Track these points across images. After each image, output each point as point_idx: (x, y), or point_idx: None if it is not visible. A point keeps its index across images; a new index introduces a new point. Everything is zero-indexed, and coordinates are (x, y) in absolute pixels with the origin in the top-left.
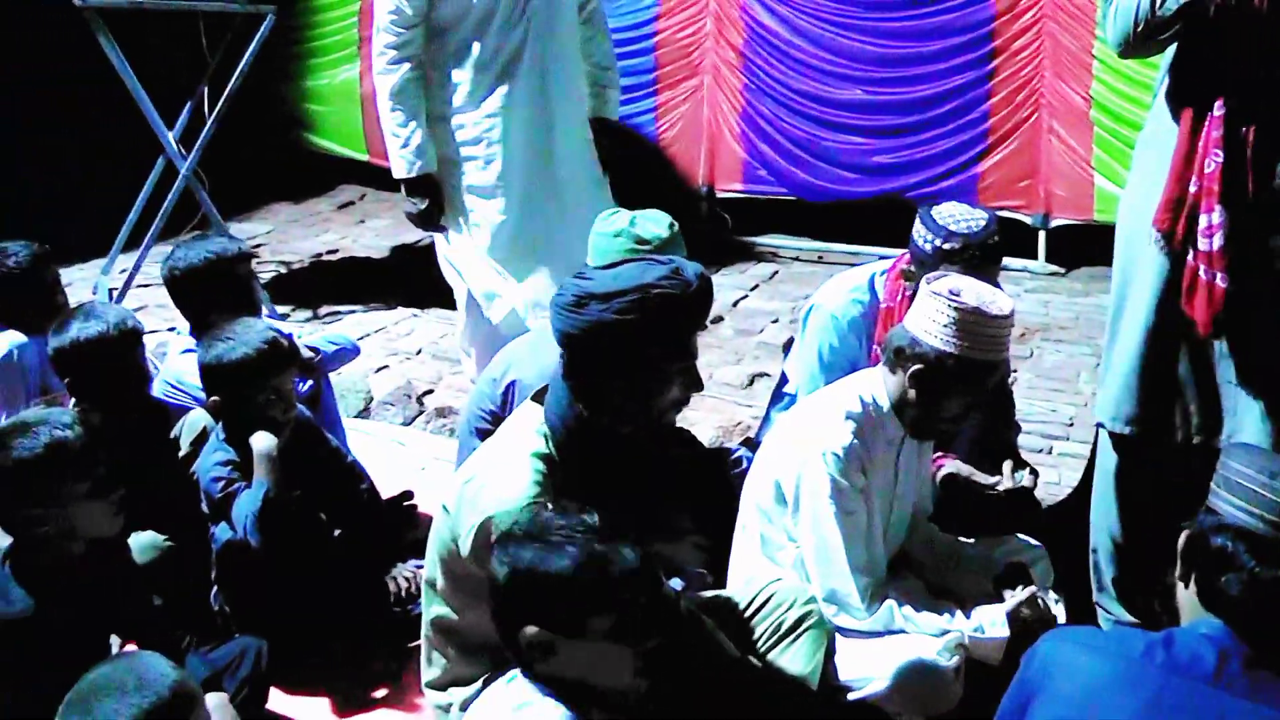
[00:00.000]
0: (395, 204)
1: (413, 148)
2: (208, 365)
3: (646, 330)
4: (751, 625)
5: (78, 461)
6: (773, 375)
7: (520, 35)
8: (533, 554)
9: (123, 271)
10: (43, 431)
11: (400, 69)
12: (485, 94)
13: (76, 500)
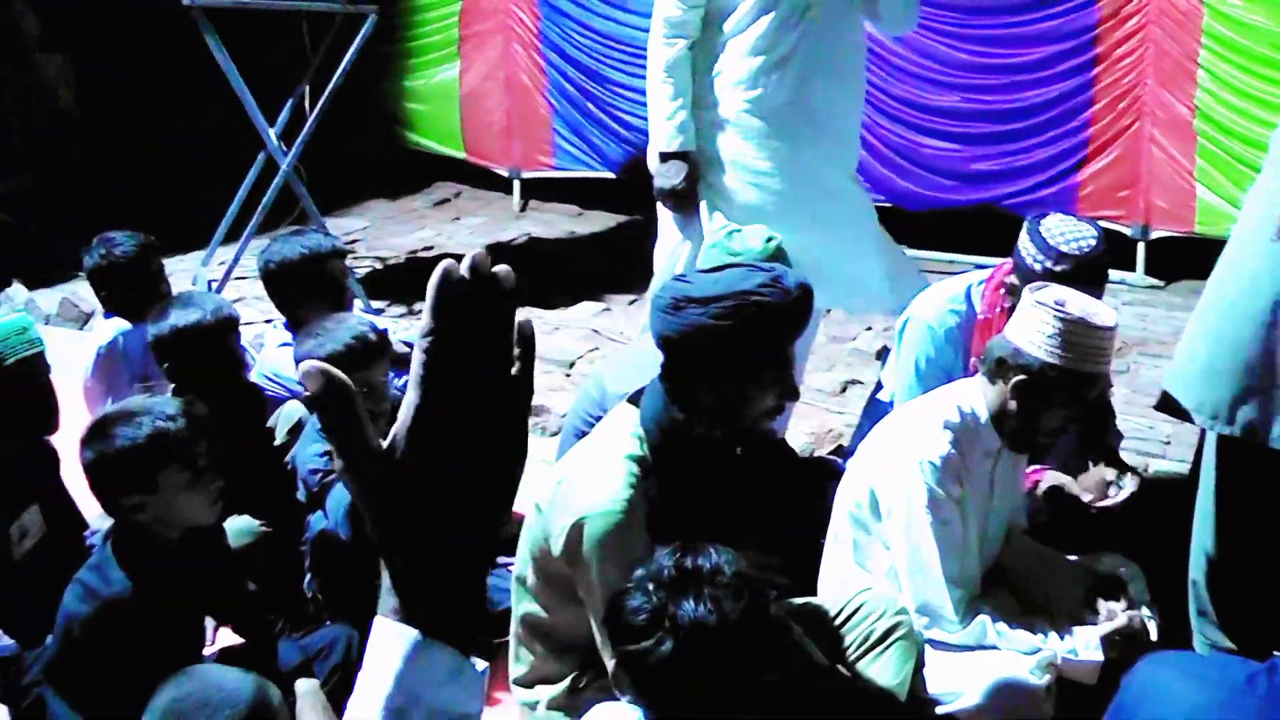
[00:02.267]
0: (491, 201)
1: (676, 122)
2: (301, 359)
3: (743, 336)
4: (841, 634)
5: (178, 452)
6: (865, 382)
7: (794, 39)
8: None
9: (221, 264)
10: (145, 421)
11: (676, 45)
12: (748, 88)
13: (175, 490)
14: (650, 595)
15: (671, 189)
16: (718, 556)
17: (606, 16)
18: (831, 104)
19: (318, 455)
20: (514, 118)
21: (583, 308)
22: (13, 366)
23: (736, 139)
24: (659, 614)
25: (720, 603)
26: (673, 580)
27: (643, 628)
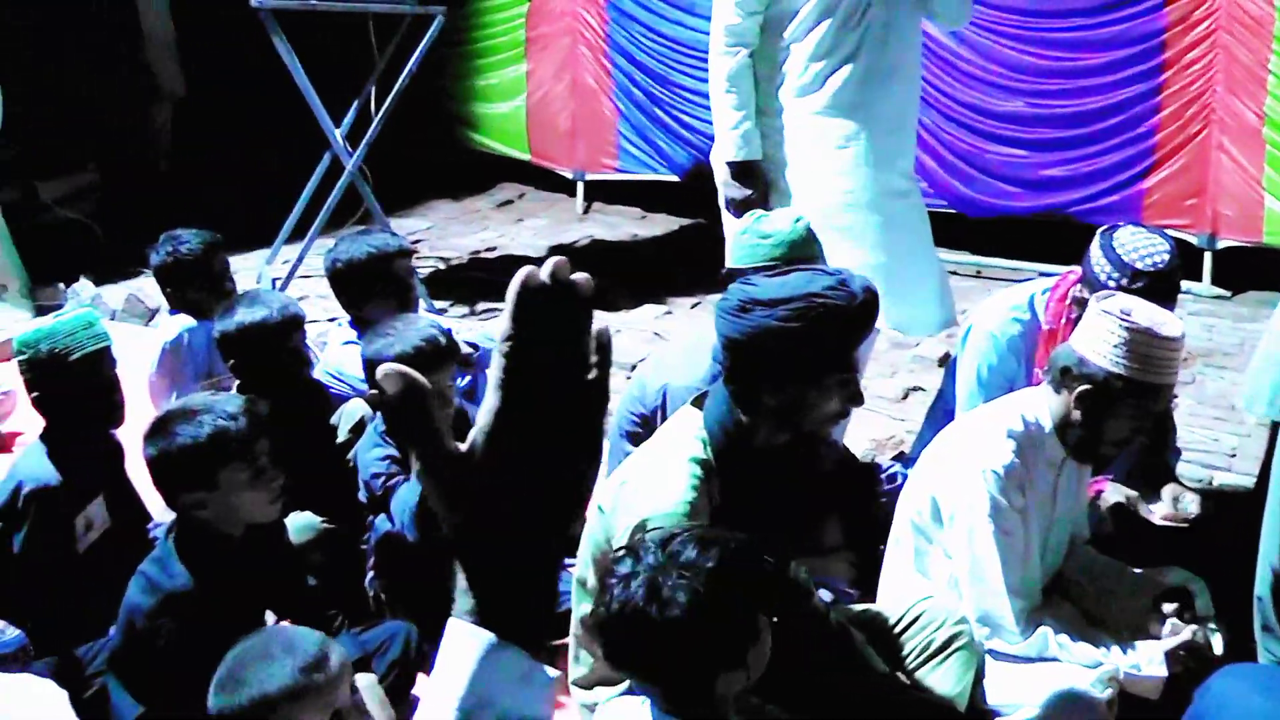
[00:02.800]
0: (554, 203)
1: (742, 131)
2: (369, 359)
3: (808, 339)
4: (901, 642)
5: (239, 450)
6: (927, 389)
7: (855, 40)
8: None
9: (285, 262)
10: (207, 420)
11: (737, 54)
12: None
13: (236, 488)
14: (625, 564)
15: (741, 199)
16: (703, 553)
17: (674, 20)
18: (894, 104)
19: (379, 460)
20: (579, 120)
21: (645, 310)
22: (79, 361)
23: (803, 144)
24: (620, 582)
25: (659, 592)
26: (651, 557)
27: (602, 591)
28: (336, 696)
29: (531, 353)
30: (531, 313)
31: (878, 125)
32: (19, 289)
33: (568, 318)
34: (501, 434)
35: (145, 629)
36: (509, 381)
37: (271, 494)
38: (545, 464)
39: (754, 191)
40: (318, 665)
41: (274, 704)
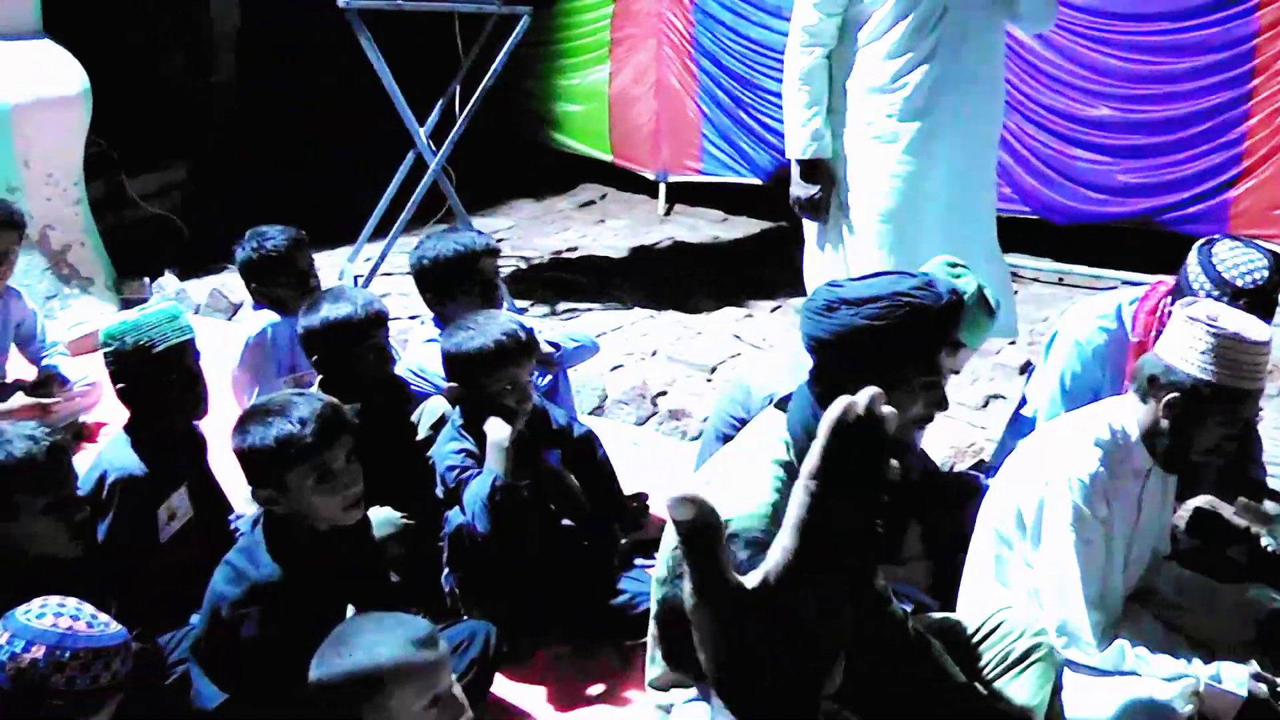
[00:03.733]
0: (636, 204)
1: (811, 130)
2: (448, 352)
3: (894, 339)
4: (979, 651)
5: (304, 456)
6: (1008, 397)
7: (932, 42)
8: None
9: (368, 260)
10: (276, 423)
11: (813, 53)
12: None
13: (305, 491)
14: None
15: (807, 197)
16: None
17: (758, 23)
18: (969, 109)
19: (455, 453)
20: (663, 121)
21: (725, 313)
22: (163, 353)
23: (872, 145)
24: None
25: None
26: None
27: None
28: (440, 679)
29: (839, 493)
30: (846, 448)
31: (951, 130)
32: (105, 282)
33: (873, 456)
34: (797, 574)
35: (231, 618)
36: (812, 521)
37: (345, 500)
38: (825, 605)
39: (820, 190)
40: (429, 643)
41: (381, 676)
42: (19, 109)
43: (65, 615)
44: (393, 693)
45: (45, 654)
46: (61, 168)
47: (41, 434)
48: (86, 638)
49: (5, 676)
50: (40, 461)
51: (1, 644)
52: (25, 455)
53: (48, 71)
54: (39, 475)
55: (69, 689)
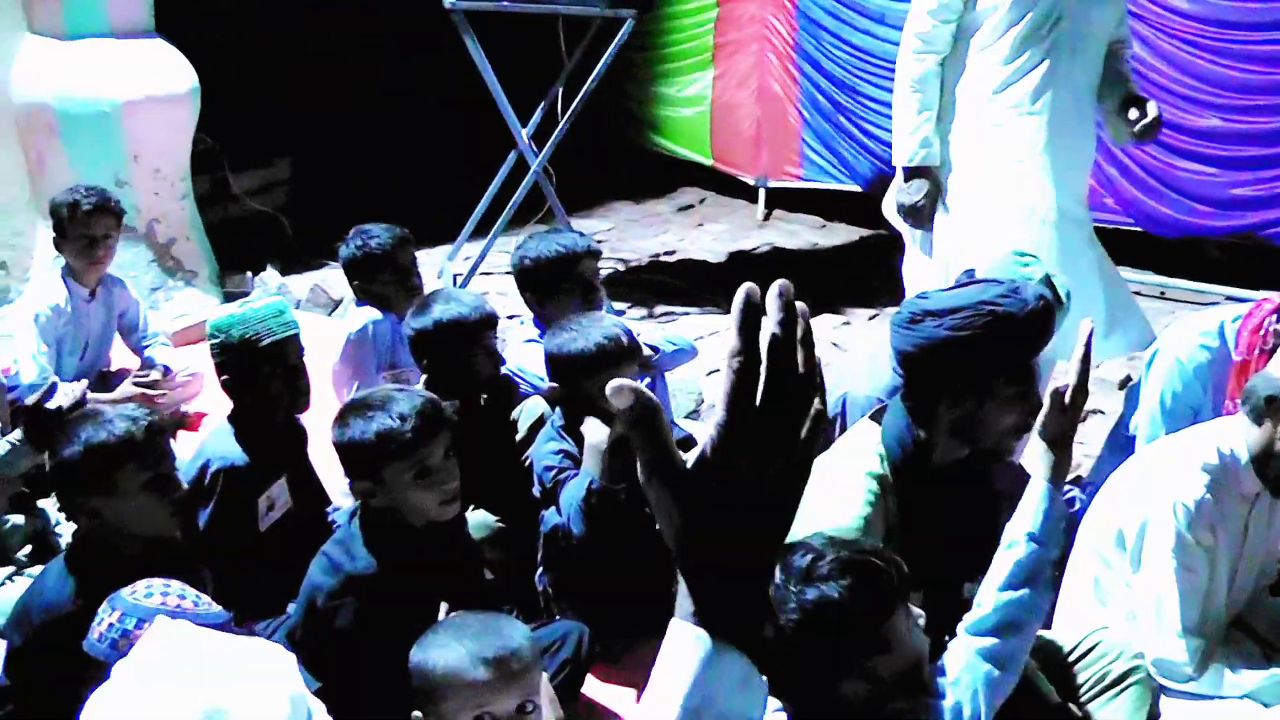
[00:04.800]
0: (735, 209)
1: (920, 137)
2: (551, 353)
3: (981, 349)
4: (1074, 671)
5: (402, 451)
6: (1106, 412)
7: (1043, 51)
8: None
9: (467, 259)
10: (377, 418)
11: (926, 60)
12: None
13: (401, 486)
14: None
15: (911, 204)
16: (815, 563)
17: (862, 30)
18: (1075, 120)
19: (553, 453)
20: (764, 127)
21: (823, 320)
22: (268, 347)
23: (980, 154)
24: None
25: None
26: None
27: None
28: (496, 701)
29: (755, 369)
30: (755, 330)
31: (1058, 140)
32: (208, 276)
33: (788, 339)
34: (728, 447)
35: (325, 608)
36: (736, 397)
37: (441, 495)
38: (763, 477)
39: (925, 198)
40: (493, 663)
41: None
42: (129, 106)
43: (172, 595)
44: (441, 700)
45: None
46: (169, 163)
47: (141, 414)
48: (193, 616)
49: (119, 654)
50: (139, 440)
51: (113, 623)
52: (125, 434)
53: (158, 70)
54: (138, 453)
55: None
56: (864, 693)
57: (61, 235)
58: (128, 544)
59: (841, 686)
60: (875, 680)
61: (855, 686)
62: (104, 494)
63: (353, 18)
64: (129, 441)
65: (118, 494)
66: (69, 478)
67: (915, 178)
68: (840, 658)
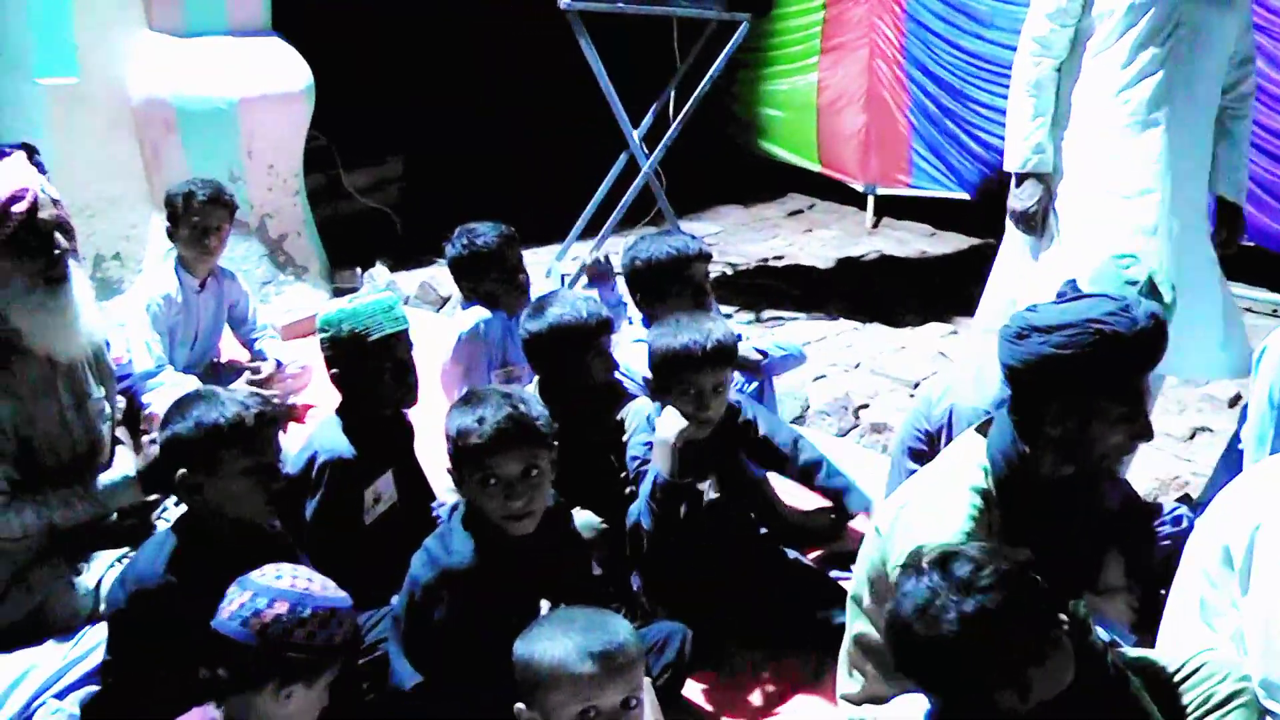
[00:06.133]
0: (844, 215)
1: (1034, 143)
2: (649, 348)
3: (1088, 367)
4: (1179, 692)
5: (471, 453)
6: (1215, 430)
7: (1160, 57)
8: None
9: (575, 259)
10: (464, 414)
11: (1042, 64)
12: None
13: (473, 489)
14: (908, 580)
15: (1023, 210)
16: (977, 572)
17: (972, 33)
18: (1193, 127)
19: (642, 444)
20: (872, 133)
21: (930, 329)
22: (377, 342)
23: (1094, 161)
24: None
25: (929, 610)
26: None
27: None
28: (601, 696)
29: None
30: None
31: (1178, 149)
32: (319, 271)
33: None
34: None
35: (423, 600)
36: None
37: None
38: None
39: (1037, 204)
40: (598, 657)
41: (537, 673)
42: (245, 103)
43: (301, 578)
44: (546, 694)
45: (289, 610)
46: (282, 160)
47: (254, 402)
48: (322, 598)
49: (250, 632)
50: (248, 425)
51: (244, 602)
52: (235, 417)
53: (274, 68)
54: (245, 437)
55: (309, 644)
56: (1016, 703)
57: (175, 225)
58: (222, 525)
59: (996, 695)
60: (1027, 690)
61: (1008, 696)
62: (206, 472)
63: (467, 18)
64: (238, 425)
65: (219, 474)
66: (177, 452)
67: (1028, 183)
68: (998, 668)
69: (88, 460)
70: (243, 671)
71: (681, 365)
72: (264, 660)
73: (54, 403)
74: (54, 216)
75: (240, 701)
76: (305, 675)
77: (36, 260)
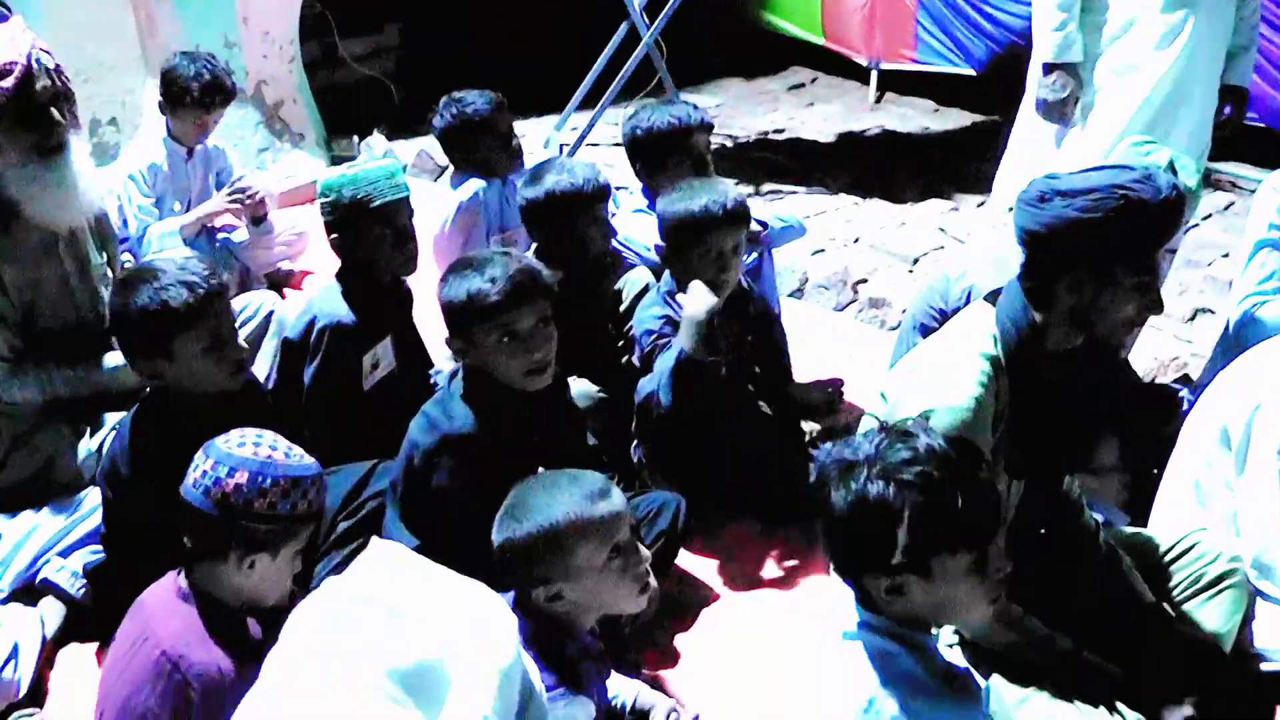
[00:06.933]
0: (847, 90)
1: (1065, 33)
2: (660, 213)
3: (1108, 233)
4: (1170, 572)
5: (487, 314)
6: (1216, 312)
7: None
8: (878, 487)
9: (574, 129)
10: (470, 278)
11: None
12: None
13: (489, 349)
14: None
15: (1055, 101)
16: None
17: None
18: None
19: (656, 318)
20: (878, 6)
21: (931, 205)
22: (379, 208)
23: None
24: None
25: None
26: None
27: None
28: (618, 529)
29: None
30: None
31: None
32: (315, 139)
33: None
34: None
35: (422, 466)
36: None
37: (527, 363)
38: None
39: (1069, 94)
40: (603, 494)
41: (558, 531)
42: None
43: (264, 445)
44: (574, 548)
45: (248, 480)
46: (278, 26)
47: (199, 278)
48: (284, 467)
49: (210, 502)
50: (194, 307)
51: (206, 470)
52: (181, 304)
53: None
54: (194, 320)
55: (271, 513)
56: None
57: (170, 103)
58: (190, 400)
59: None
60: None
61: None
62: (163, 358)
63: None
64: (185, 311)
65: (175, 359)
66: (127, 338)
67: (1058, 74)
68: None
69: (91, 326)
70: (205, 540)
71: (703, 226)
72: (225, 529)
73: (57, 268)
74: (48, 88)
75: (205, 570)
76: (268, 545)
77: (31, 133)
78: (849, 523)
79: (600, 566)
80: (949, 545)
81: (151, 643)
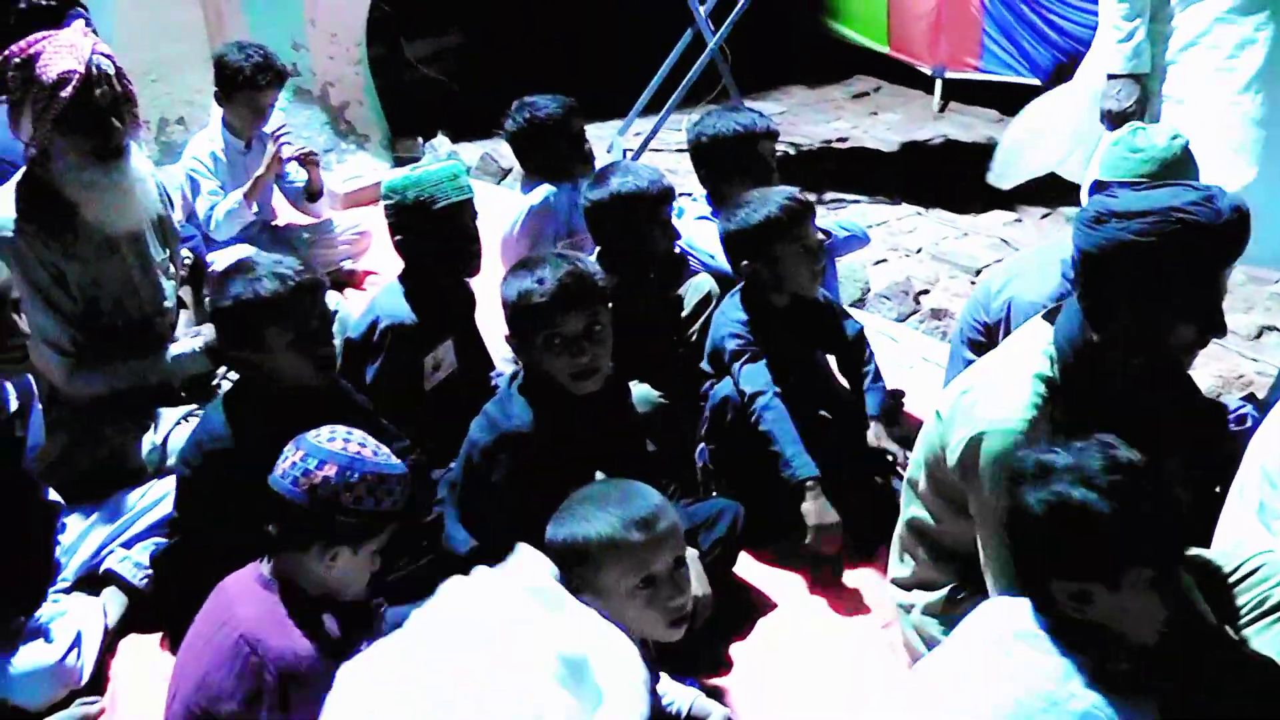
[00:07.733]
0: (910, 99)
1: (1134, 44)
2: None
3: (1164, 256)
4: (1234, 594)
5: (535, 313)
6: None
7: None
8: (1081, 493)
9: (637, 134)
10: (523, 278)
11: None
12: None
13: (539, 350)
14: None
15: (1120, 111)
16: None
17: None
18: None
19: (738, 321)
20: (943, 14)
21: (993, 216)
22: (443, 209)
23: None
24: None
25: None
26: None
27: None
28: (654, 560)
29: None
30: None
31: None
32: (380, 140)
33: None
34: None
35: (481, 464)
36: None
37: (574, 367)
38: None
39: (1135, 105)
40: (644, 524)
41: (588, 548)
42: None
43: (354, 442)
44: (601, 568)
45: (337, 473)
46: (345, 28)
47: (292, 271)
48: (373, 464)
49: (300, 491)
50: (285, 299)
51: (295, 461)
52: (272, 294)
53: None
54: (285, 313)
55: (356, 508)
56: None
57: (224, 91)
58: (278, 391)
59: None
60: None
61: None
62: (253, 348)
63: None
64: (275, 302)
65: (265, 349)
66: (222, 329)
67: (1125, 85)
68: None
69: (154, 321)
70: (291, 529)
71: (794, 218)
72: (311, 520)
73: (119, 265)
74: (107, 93)
75: (289, 559)
76: (351, 539)
77: (89, 138)
78: (1045, 525)
79: (627, 593)
80: (1142, 558)
81: (231, 625)
